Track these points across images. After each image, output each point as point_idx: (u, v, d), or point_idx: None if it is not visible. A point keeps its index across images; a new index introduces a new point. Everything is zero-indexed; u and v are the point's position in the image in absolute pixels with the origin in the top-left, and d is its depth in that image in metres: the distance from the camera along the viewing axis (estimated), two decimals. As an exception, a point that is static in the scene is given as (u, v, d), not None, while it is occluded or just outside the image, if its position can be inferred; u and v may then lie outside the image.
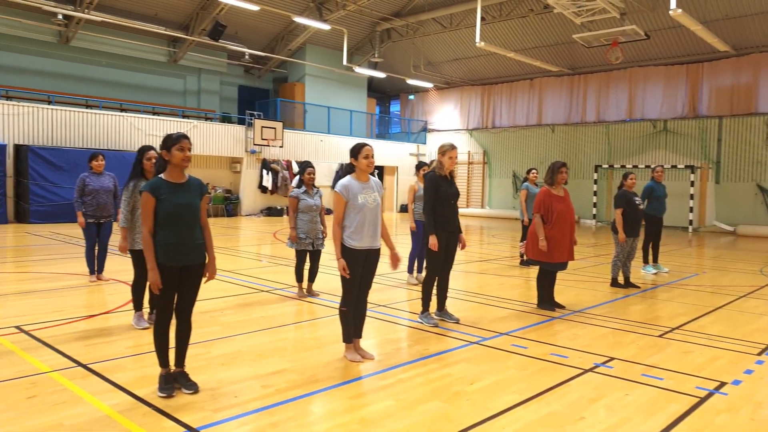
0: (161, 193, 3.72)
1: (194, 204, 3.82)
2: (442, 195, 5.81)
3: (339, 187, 4.55)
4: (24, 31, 19.04)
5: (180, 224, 3.76)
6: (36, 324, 5.55)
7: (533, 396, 3.99)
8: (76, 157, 16.92)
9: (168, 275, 3.73)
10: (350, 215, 4.55)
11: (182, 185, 3.83)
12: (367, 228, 4.55)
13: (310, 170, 7.06)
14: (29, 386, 3.93)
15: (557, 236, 6.50)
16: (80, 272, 8.43)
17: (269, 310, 6.51)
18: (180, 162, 3.78)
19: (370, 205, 4.58)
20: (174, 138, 3.79)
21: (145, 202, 3.71)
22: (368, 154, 4.60)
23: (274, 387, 4.04)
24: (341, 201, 4.53)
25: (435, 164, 5.97)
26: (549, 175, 6.70)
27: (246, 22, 22.24)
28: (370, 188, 4.64)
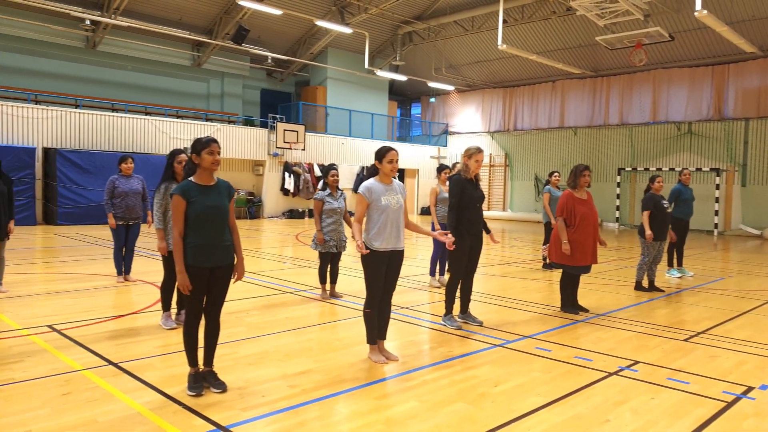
0: (191, 195, 3.80)
1: (223, 206, 3.89)
2: (468, 198, 5.82)
3: (362, 188, 4.60)
4: (53, 36, 19.49)
5: (209, 226, 3.82)
6: (67, 323, 5.70)
7: (558, 398, 4.00)
8: (102, 159, 17.26)
9: (197, 276, 3.80)
10: (373, 217, 4.60)
11: (212, 188, 3.91)
12: (390, 229, 4.59)
13: (333, 173, 7.11)
14: (63, 383, 4.05)
15: (580, 239, 6.48)
16: (107, 273, 8.61)
17: (293, 311, 6.58)
18: (209, 165, 3.86)
19: (393, 206, 4.61)
20: (203, 142, 3.86)
21: (176, 205, 3.80)
22: (393, 159, 4.63)
23: (300, 387, 4.10)
24: (363, 202, 4.58)
25: (461, 167, 5.98)
26: (572, 178, 6.69)
27: (269, 26, 22.48)
28: (393, 190, 4.67)
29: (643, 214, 8.19)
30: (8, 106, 16.37)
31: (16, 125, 16.44)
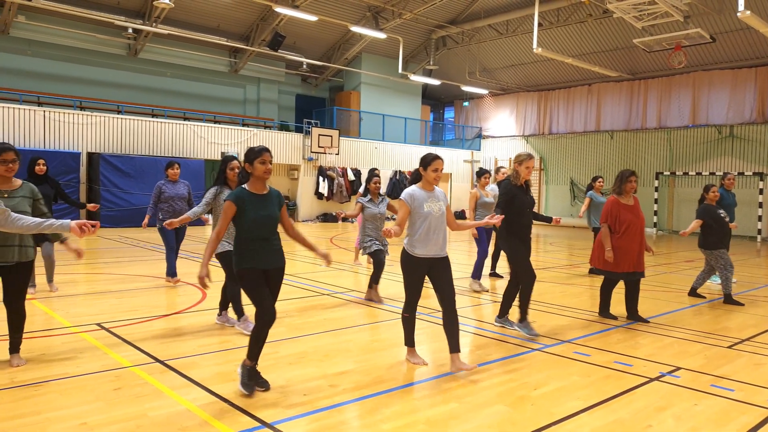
0: (245, 203, 3.92)
1: (274, 214, 4.02)
2: (519, 204, 5.75)
3: (405, 194, 4.60)
4: (96, 44, 20.15)
5: (261, 233, 3.95)
6: (114, 322, 5.90)
7: (598, 403, 3.98)
8: (142, 164, 17.75)
9: (256, 276, 3.95)
10: (415, 223, 4.57)
11: (264, 196, 4.03)
12: (433, 236, 4.55)
13: (376, 179, 7.19)
14: (114, 379, 4.21)
15: (625, 246, 6.35)
16: (150, 274, 8.86)
17: (331, 312, 6.68)
18: (262, 174, 3.98)
19: (436, 213, 4.58)
20: (256, 151, 3.98)
21: (227, 209, 3.93)
22: (438, 167, 4.60)
23: (341, 386, 4.18)
24: (405, 208, 4.58)
25: (511, 173, 5.92)
26: (617, 184, 6.57)
27: (304, 33, 22.78)
28: (435, 197, 4.65)
29: (694, 221, 7.91)
30: (55, 113, 16.98)
31: (63, 131, 17.04)
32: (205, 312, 6.51)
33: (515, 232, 5.76)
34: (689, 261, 12.65)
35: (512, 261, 5.83)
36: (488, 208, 8.35)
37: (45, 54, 19.30)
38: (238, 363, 4.62)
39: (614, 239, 6.39)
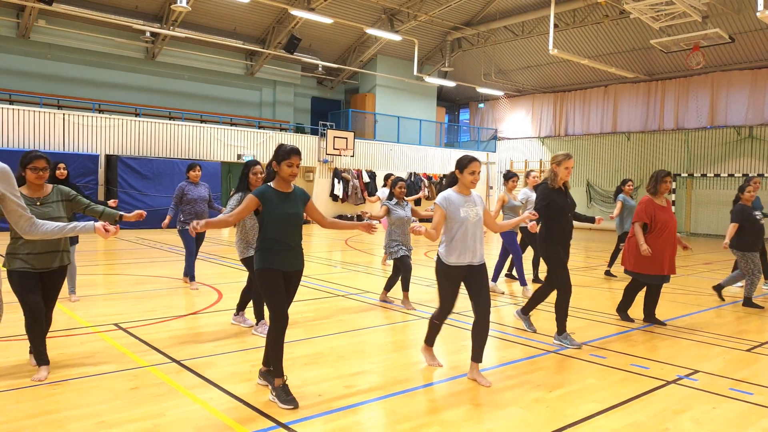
0: (268, 200, 3.85)
1: (298, 213, 3.95)
2: (558, 208, 5.51)
3: (440, 198, 4.39)
4: (115, 48, 20.42)
5: (284, 232, 3.88)
6: (132, 322, 5.97)
7: (614, 405, 3.94)
8: (160, 166, 17.94)
9: (275, 277, 3.87)
10: (451, 229, 4.36)
11: (289, 194, 3.94)
12: (470, 243, 4.35)
13: (401, 184, 7.16)
14: (131, 378, 4.26)
15: (658, 248, 6.19)
16: (167, 275, 8.95)
17: (346, 314, 6.70)
18: (287, 177, 3.89)
19: (472, 219, 4.36)
20: (285, 152, 3.87)
21: (249, 201, 3.86)
22: (475, 170, 4.38)
23: (355, 387, 4.19)
24: (440, 212, 4.36)
25: (548, 175, 5.65)
26: (652, 184, 6.42)
27: (319, 35, 22.89)
28: (472, 202, 4.43)
29: (731, 225, 7.67)
30: (74, 116, 17.23)
31: (82, 134, 17.28)
32: (221, 313, 6.57)
33: (554, 238, 5.55)
34: (707, 263, 12.48)
35: (550, 268, 5.62)
36: (515, 212, 8.23)
37: (64, 58, 19.60)
38: (253, 363, 4.68)
39: (648, 239, 6.21)
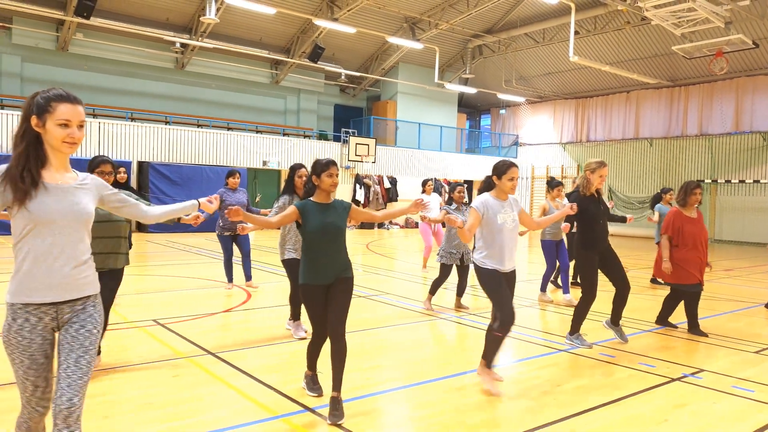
0: (309, 213, 3.87)
1: (340, 224, 3.95)
2: (591, 215, 5.52)
3: (477, 202, 4.39)
4: (146, 59, 21.16)
5: (326, 242, 3.88)
6: (168, 318, 6.39)
7: (618, 399, 4.21)
8: (189, 172, 18.55)
9: (314, 294, 3.87)
10: (487, 237, 4.37)
11: (329, 206, 3.97)
12: (507, 251, 4.38)
13: (460, 188, 7.30)
14: (172, 368, 4.66)
15: (689, 258, 6.20)
16: (198, 276, 9.40)
17: (365, 313, 7.03)
18: (328, 188, 3.92)
19: (509, 225, 4.38)
20: (323, 164, 3.94)
21: (291, 213, 3.91)
22: (514, 176, 4.35)
23: (374, 379, 4.53)
24: (476, 215, 4.34)
25: (580, 182, 5.68)
26: (681, 195, 6.40)
27: (342, 44, 23.38)
28: (509, 207, 4.44)
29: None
30: (109, 124, 17.94)
31: (115, 141, 17.97)
32: (250, 311, 6.97)
33: (588, 245, 5.56)
34: (728, 270, 12.55)
35: (581, 274, 5.69)
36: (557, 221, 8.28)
37: (99, 69, 20.38)
38: (282, 356, 5.07)
39: (679, 252, 6.24)
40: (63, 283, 2.37)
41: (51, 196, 2.34)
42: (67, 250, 2.38)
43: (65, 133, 2.34)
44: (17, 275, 2.34)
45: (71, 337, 2.40)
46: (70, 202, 2.38)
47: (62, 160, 2.41)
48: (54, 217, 2.33)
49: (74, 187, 2.43)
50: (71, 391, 2.31)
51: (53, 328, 2.41)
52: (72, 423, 2.30)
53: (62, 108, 2.33)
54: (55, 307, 2.38)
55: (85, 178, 2.51)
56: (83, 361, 2.38)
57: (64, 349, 2.39)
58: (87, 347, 2.41)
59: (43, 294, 2.34)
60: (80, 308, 2.44)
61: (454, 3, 21.55)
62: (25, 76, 19.13)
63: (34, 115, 2.33)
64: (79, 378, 2.34)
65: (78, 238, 2.41)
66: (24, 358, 2.34)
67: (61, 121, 2.32)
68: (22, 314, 2.33)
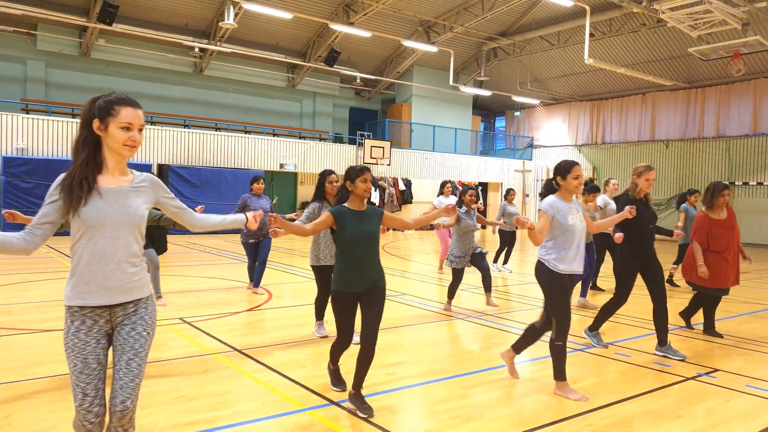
0: (344, 219, 3.90)
1: (374, 231, 3.98)
2: (642, 220, 5.43)
3: (545, 204, 4.37)
4: (166, 63, 21.53)
5: (361, 250, 3.90)
6: (195, 317, 6.61)
7: (633, 396, 4.33)
8: (207, 175, 18.87)
9: (346, 301, 3.92)
10: (558, 237, 4.34)
11: (363, 213, 3.99)
12: (578, 251, 4.39)
13: (471, 192, 7.35)
14: (201, 363, 4.86)
15: (719, 261, 6.16)
16: (221, 277, 9.62)
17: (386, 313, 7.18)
18: (362, 193, 3.95)
19: (579, 226, 4.38)
20: (357, 170, 3.96)
21: (325, 219, 3.93)
22: (579, 175, 4.34)
23: (396, 375, 4.69)
24: (546, 218, 4.33)
25: (629, 187, 5.64)
26: (708, 197, 6.33)
27: (358, 48, 23.60)
28: (575, 208, 4.44)
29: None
30: (129, 128, 18.29)
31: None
32: (273, 310, 7.17)
33: (634, 252, 5.50)
34: (745, 272, 12.50)
35: (619, 279, 5.61)
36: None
37: (120, 73, 20.78)
38: (306, 353, 5.25)
39: (708, 256, 6.17)
40: (115, 286, 2.42)
41: (104, 200, 2.39)
42: (119, 253, 2.42)
43: (127, 136, 2.40)
44: (72, 279, 2.42)
45: (123, 340, 2.46)
46: (122, 206, 2.43)
47: (120, 163, 2.47)
48: (105, 221, 2.39)
49: (128, 190, 2.47)
50: (124, 393, 2.40)
51: (107, 331, 2.47)
52: (126, 423, 2.42)
53: (125, 111, 2.40)
54: (108, 309, 2.44)
55: (142, 180, 2.55)
56: (134, 363, 2.44)
57: (116, 351, 2.47)
58: (137, 350, 2.46)
59: (97, 297, 2.40)
60: (132, 311, 2.50)
61: (469, 6, 21.68)
62: (49, 81, 19.57)
63: (96, 119, 2.39)
64: (130, 380, 2.42)
65: (129, 241, 2.45)
66: (77, 362, 2.39)
67: (124, 124, 2.39)
68: (78, 317, 2.41)
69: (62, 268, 10.24)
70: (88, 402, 2.40)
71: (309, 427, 3.63)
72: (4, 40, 18.74)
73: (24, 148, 16.49)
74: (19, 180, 15.81)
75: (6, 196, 15.55)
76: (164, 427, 3.53)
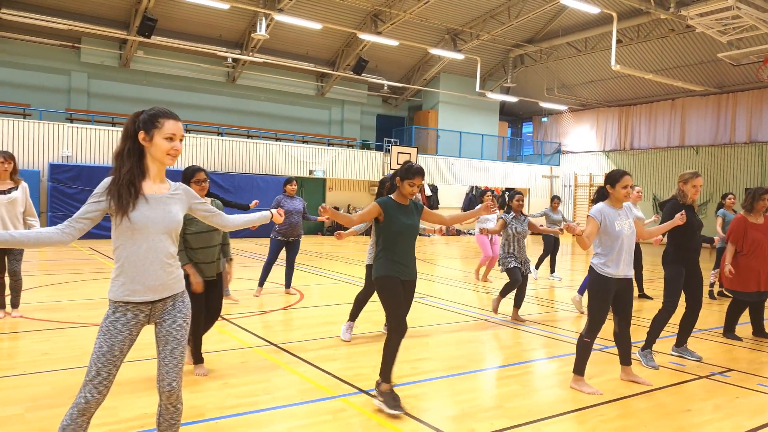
0: (390, 210, 4.16)
1: (415, 224, 4.26)
2: (690, 224, 5.48)
3: (594, 211, 4.60)
4: (200, 73, 22.29)
5: (402, 241, 4.17)
6: (232, 315, 7.03)
7: (646, 391, 4.58)
8: (240, 181, 19.48)
9: (394, 284, 4.12)
10: (606, 242, 4.57)
11: (407, 207, 4.28)
12: (625, 256, 4.57)
13: (518, 197, 7.33)
14: (240, 356, 5.26)
15: (753, 265, 6.20)
16: (254, 278, 10.08)
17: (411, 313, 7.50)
18: (407, 193, 4.23)
19: (627, 232, 4.58)
20: (411, 173, 4.19)
21: (371, 208, 4.18)
22: (627, 184, 4.55)
23: (420, 369, 5.02)
24: (594, 224, 4.56)
25: (677, 193, 5.71)
26: (748, 201, 6.39)
27: (385, 56, 24.04)
28: (624, 215, 4.65)
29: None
30: (166, 136, 19.03)
31: (172, 152, 19.05)
32: (305, 309, 7.57)
33: (681, 258, 5.53)
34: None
35: (668, 287, 5.57)
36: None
37: (157, 83, 21.60)
38: (337, 348, 5.60)
39: (741, 258, 6.25)
40: (157, 284, 2.66)
41: (149, 206, 2.63)
42: (160, 255, 2.65)
43: (170, 146, 2.66)
44: (119, 277, 2.64)
45: (165, 332, 2.73)
46: (164, 212, 2.67)
47: (161, 171, 2.71)
48: (149, 225, 2.62)
49: (167, 197, 2.71)
50: (170, 376, 2.71)
51: (144, 323, 2.71)
52: (174, 400, 2.77)
53: (168, 124, 2.66)
54: (150, 305, 2.69)
55: (176, 189, 2.78)
56: (177, 351, 2.73)
57: (160, 342, 2.74)
58: (179, 339, 2.74)
59: (141, 294, 2.64)
60: (170, 305, 2.75)
61: (495, 14, 21.94)
62: (91, 91, 20.47)
63: (141, 131, 2.63)
64: (175, 365, 2.72)
65: (168, 243, 2.69)
66: (104, 344, 2.59)
67: (168, 134, 2.64)
68: (121, 309, 2.64)
69: (105, 269, 10.83)
70: (98, 380, 2.59)
71: (341, 411, 3.99)
72: (51, 53, 19.70)
73: (68, 155, 17.32)
74: (64, 186, 16.61)
75: (52, 201, 16.36)
76: (212, 408, 3.93)
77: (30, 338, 5.75)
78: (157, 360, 2.75)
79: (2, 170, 6.34)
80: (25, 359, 5.03)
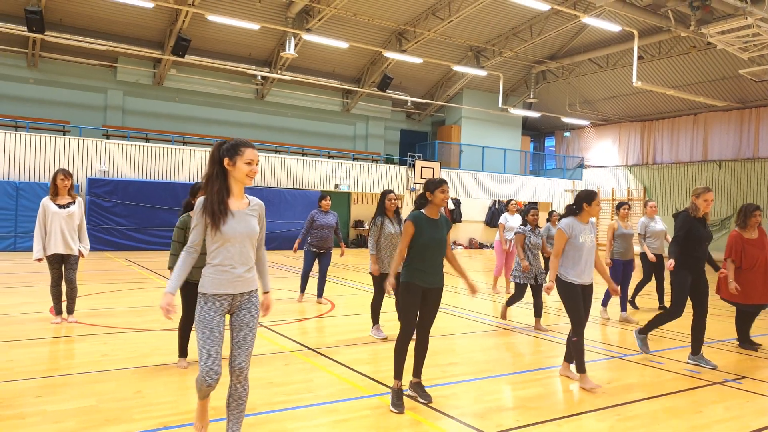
0: (422, 225, 4.42)
1: (443, 238, 4.51)
2: (698, 236, 5.91)
3: (563, 225, 5.18)
4: (230, 90, 23.09)
5: (430, 254, 4.43)
6: (271, 322, 7.48)
7: (660, 395, 4.91)
8: (269, 194, 20.07)
9: (413, 292, 4.39)
10: (569, 253, 5.16)
11: (436, 221, 4.51)
12: (586, 267, 5.15)
13: (534, 212, 7.77)
14: (282, 359, 5.70)
15: (752, 278, 6.55)
16: (287, 288, 10.55)
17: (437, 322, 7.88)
18: (440, 202, 4.51)
19: (588, 244, 5.16)
20: (437, 182, 4.54)
21: (407, 228, 4.42)
22: (599, 202, 5.25)
23: (449, 372, 5.41)
24: (563, 237, 5.16)
25: (689, 206, 6.09)
26: (741, 218, 6.74)
27: (409, 73, 24.60)
28: (588, 230, 5.23)
29: None
30: (198, 151, 19.76)
31: (203, 167, 19.74)
32: (337, 317, 8.00)
33: (687, 265, 5.91)
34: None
35: (674, 292, 5.98)
36: (626, 240, 8.62)
37: (189, 100, 22.43)
38: (369, 353, 6.02)
39: (743, 273, 6.56)
40: (238, 282, 3.27)
41: (235, 219, 3.23)
42: (243, 258, 3.27)
43: (250, 169, 3.24)
44: (209, 276, 3.24)
45: (240, 320, 3.32)
46: (246, 224, 3.27)
47: (241, 190, 3.30)
48: (236, 235, 3.23)
49: (246, 213, 3.29)
50: (241, 357, 3.29)
51: (225, 312, 3.32)
52: (242, 379, 3.32)
53: (248, 151, 3.24)
54: (231, 297, 3.29)
55: (254, 205, 3.36)
56: (248, 337, 3.32)
57: (235, 329, 3.34)
58: (251, 327, 3.35)
59: (226, 288, 3.25)
60: (246, 298, 3.33)
61: (518, 32, 22.37)
62: (126, 108, 21.36)
63: (226, 158, 3.22)
64: (245, 348, 3.32)
65: (248, 249, 3.31)
66: (205, 330, 3.19)
67: (248, 160, 3.23)
68: (210, 300, 3.24)
69: (144, 279, 11.40)
70: (211, 361, 3.18)
71: (377, 407, 4.40)
72: (89, 72, 20.66)
73: (105, 170, 18.11)
74: (101, 199, 17.36)
75: (90, 214, 17.10)
76: (261, 404, 4.36)
77: (88, 341, 6.26)
78: (230, 344, 3.32)
79: (62, 186, 6.92)
80: (88, 359, 5.53)
